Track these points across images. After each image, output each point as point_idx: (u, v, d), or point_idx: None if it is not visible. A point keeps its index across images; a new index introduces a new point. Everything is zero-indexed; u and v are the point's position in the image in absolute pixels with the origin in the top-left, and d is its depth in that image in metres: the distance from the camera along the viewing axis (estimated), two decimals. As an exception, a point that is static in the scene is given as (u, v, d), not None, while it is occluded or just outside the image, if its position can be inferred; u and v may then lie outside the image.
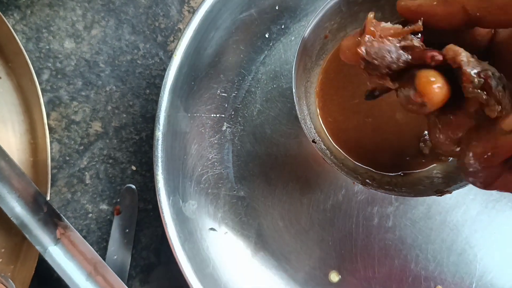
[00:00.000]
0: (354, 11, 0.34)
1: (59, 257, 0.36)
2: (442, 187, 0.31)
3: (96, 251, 0.36)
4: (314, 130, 0.34)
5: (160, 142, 0.35)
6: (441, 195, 0.31)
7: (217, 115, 0.38)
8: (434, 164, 0.34)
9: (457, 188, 0.30)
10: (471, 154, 0.21)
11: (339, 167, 0.32)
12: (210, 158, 0.38)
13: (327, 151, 0.33)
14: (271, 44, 0.39)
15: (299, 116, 0.31)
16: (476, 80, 0.20)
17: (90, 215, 0.39)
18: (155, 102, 0.40)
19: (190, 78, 0.37)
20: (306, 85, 0.35)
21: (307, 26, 0.32)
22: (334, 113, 0.35)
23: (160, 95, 0.35)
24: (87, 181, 0.40)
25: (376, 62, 0.22)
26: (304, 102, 0.34)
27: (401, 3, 0.24)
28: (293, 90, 0.32)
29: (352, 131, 0.35)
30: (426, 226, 0.37)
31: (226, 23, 0.38)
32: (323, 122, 0.35)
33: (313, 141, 0.32)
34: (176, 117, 0.36)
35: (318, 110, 0.35)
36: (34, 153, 0.39)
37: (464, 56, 0.21)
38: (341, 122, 0.35)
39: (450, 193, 0.30)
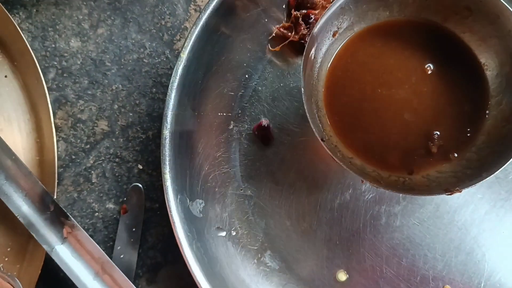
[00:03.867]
0: (363, 10, 0.34)
1: (66, 256, 0.36)
2: (451, 186, 0.31)
3: (103, 250, 0.36)
4: (322, 129, 0.34)
5: (167, 140, 0.34)
6: (451, 194, 0.30)
7: (224, 114, 0.38)
8: (442, 164, 0.34)
9: (467, 187, 0.30)
10: None
11: (348, 165, 0.32)
12: (217, 156, 0.37)
13: (336, 149, 0.33)
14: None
15: (308, 115, 0.31)
16: None
17: (96, 214, 0.39)
18: (162, 101, 0.40)
19: (197, 76, 0.37)
20: (314, 84, 0.34)
21: (315, 24, 0.32)
22: (341, 112, 0.35)
23: (168, 93, 0.35)
24: (94, 180, 0.39)
25: None
26: (312, 100, 0.34)
27: None
28: (302, 90, 0.31)
29: (360, 131, 0.35)
30: (434, 225, 0.36)
31: (233, 22, 0.37)
32: (330, 121, 0.35)
33: (322, 140, 0.32)
34: (183, 116, 0.36)
35: (325, 109, 0.35)
36: (41, 152, 0.39)
37: None
38: (348, 121, 0.35)
39: (460, 191, 0.30)
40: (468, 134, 0.34)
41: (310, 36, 0.32)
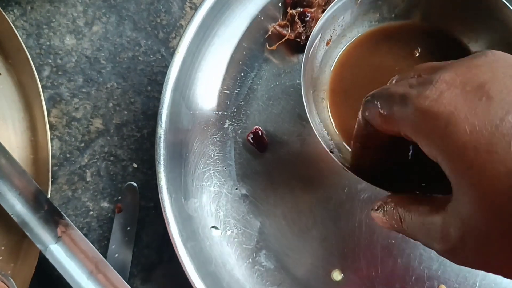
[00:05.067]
0: (353, 16, 0.34)
1: (60, 255, 0.35)
2: None
3: (97, 249, 0.36)
4: (329, 137, 0.33)
5: (162, 139, 0.34)
6: None
7: (219, 112, 0.38)
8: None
9: None
10: None
11: (359, 175, 0.30)
12: (212, 155, 0.37)
13: (345, 160, 0.32)
14: (274, 41, 0.38)
15: (313, 127, 0.30)
16: None
17: (91, 213, 0.39)
18: (157, 99, 0.40)
19: (192, 75, 0.37)
20: (314, 94, 0.34)
21: (312, 30, 0.31)
22: (347, 120, 0.34)
23: (162, 92, 0.35)
24: (88, 179, 0.39)
25: None
26: (315, 111, 0.33)
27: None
28: (305, 103, 0.30)
29: None
30: (430, 224, 0.36)
31: (228, 20, 0.37)
32: (337, 130, 0.34)
33: (331, 151, 0.31)
34: (178, 114, 0.36)
35: (331, 118, 0.34)
36: (35, 150, 0.39)
37: None
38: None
39: None
40: None
41: (308, 43, 0.31)
